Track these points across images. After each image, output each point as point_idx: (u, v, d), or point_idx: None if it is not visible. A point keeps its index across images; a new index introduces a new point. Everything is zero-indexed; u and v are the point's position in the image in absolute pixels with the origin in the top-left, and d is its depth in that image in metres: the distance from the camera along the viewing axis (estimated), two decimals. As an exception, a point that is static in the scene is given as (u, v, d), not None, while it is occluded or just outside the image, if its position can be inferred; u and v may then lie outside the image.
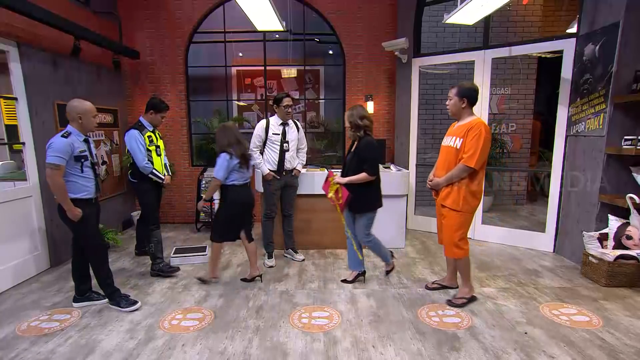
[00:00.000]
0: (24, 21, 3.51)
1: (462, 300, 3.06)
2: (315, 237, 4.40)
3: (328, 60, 6.20)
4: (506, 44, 4.35)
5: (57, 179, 2.68)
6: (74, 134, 2.79)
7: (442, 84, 6.12)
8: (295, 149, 3.91)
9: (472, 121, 2.87)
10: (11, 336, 2.61)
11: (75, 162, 2.76)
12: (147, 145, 3.54)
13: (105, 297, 3.08)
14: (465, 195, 2.88)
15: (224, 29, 5.50)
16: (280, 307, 3.03)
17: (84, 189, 2.84)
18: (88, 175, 2.86)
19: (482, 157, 2.80)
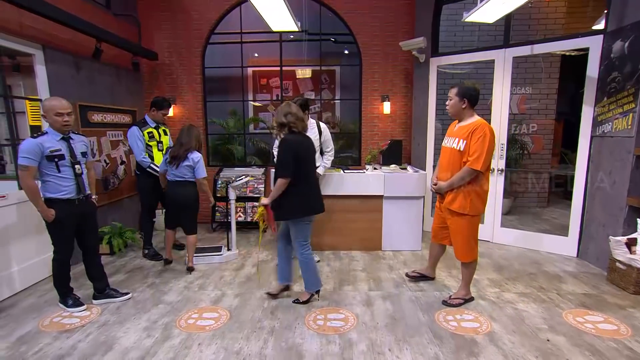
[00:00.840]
0: (49, 25, 3.62)
1: (459, 301, 3.08)
2: (330, 238, 4.39)
3: (344, 60, 6.19)
4: (528, 42, 4.26)
5: (25, 180, 2.64)
6: (49, 134, 2.74)
7: (461, 83, 6.03)
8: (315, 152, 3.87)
9: (475, 122, 2.83)
10: (34, 331, 2.70)
11: (48, 162, 2.71)
12: (147, 141, 4.02)
13: (123, 294, 3.20)
14: (473, 198, 2.86)
15: (240, 29, 5.56)
16: (295, 308, 3.03)
17: (62, 188, 2.78)
18: (66, 174, 2.79)
19: (488, 159, 2.78)
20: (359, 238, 4.41)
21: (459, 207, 2.89)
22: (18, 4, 3.16)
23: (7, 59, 4.15)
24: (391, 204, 4.32)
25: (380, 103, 5.51)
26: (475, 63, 5.13)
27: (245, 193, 5.27)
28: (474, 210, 2.87)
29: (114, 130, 4.74)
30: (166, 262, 3.95)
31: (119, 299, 3.16)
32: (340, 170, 4.41)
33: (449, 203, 2.96)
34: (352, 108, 5.90)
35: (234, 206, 4.22)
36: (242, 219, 5.23)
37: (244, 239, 4.90)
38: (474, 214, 2.89)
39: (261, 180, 5.40)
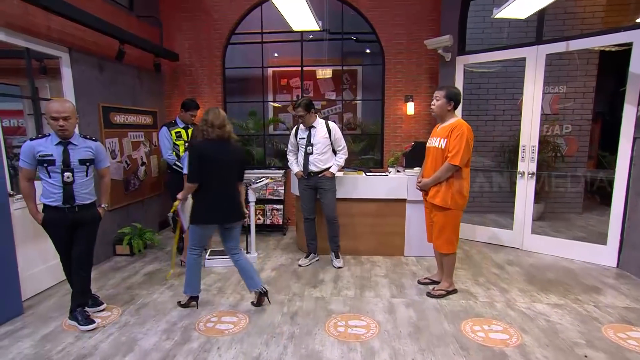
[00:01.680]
0: (75, 28, 3.76)
1: (441, 292, 3.33)
2: (351, 243, 4.37)
3: (366, 60, 6.17)
4: (563, 38, 4.12)
5: (20, 182, 2.69)
6: (50, 137, 2.69)
7: (488, 83, 5.91)
8: (323, 152, 3.89)
9: (455, 122, 3.09)
10: (58, 330, 2.79)
11: (40, 167, 2.67)
12: (175, 140, 4.22)
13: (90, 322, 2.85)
14: (453, 193, 3.12)
15: (260, 29, 5.62)
16: (315, 313, 3.02)
17: (51, 195, 2.71)
18: (55, 181, 2.68)
19: (466, 155, 3.03)
20: (381, 243, 4.36)
21: (440, 200, 3.16)
22: (49, 9, 3.30)
23: (35, 62, 4.34)
24: (415, 209, 4.25)
25: (403, 104, 5.45)
26: (504, 61, 5.00)
27: (265, 195, 5.32)
28: (454, 205, 3.14)
29: (135, 131, 4.87)
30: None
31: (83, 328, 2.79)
32: (362, 173, 4.38)
33: (432, 197, 3.23)
34: (374, 109, 5.86)
35: (254, 208, 4.25)
36: (261, 221, 5.27)
37: (263, 242, 4.93)
38: (454, 207, 3.15)
39: (281, 182, 5.43)
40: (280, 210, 5.35)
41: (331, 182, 3.97)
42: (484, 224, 5.06)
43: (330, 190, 3.97)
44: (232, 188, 3.04)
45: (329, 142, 3.91)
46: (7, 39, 3.16)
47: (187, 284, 3.10)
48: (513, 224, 4.63)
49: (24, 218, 2.89)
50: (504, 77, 5.77)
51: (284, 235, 5.31)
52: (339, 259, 4.07)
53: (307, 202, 4.05)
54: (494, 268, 4.00)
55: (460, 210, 3.20)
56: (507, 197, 5.59)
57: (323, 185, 3.94)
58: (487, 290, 3.45)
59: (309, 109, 3.83)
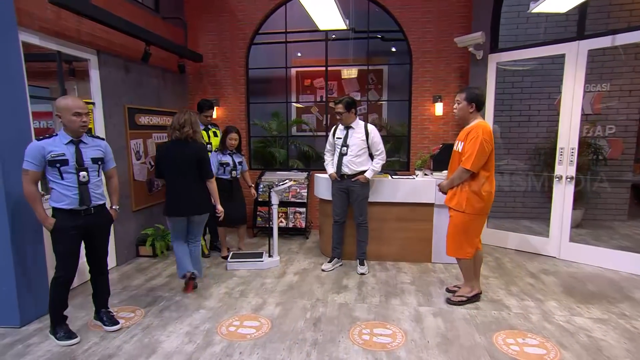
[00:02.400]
0: (103, 30, 3.92)
1: (461, 298, 3.29)
2: (376, 248, 4.33)
3: (393, 59, 6.13)
4: (609, 31, 3.94)
5: (25, 185, 2.54)
6: (59, 136, 2.60)
7: (522, 81, 5.74)
8: (358, 154, 3.87)
9: (474, 125, 3.07)
10: (83, 330, 2.89)
11: (51, 168, 2.56)
12: None
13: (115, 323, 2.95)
14: (469, 197, 3.07)
15: (285, 29, 5.67)
16: (339, 320, 3.01)
17: (64, 198, 2.60)
18: (69, 182, 2.60)
19: (479, 160, 2.98)
20: (407, 249, 4.31)
21: (455, 204, 3.16)
22: (80, 13, 3.46)
23: (64, 64, 4.54)
24: (443, 213, 4.16)
25: (431, 104, 5.38)
26: (541, 58, 4.85)
27: (288, 198, 5.35)
28: (470, 209, 3.09)
29: (160, 133, 5.01)
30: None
31: (108, 328, 2.89)
32: (388, 176, 4.35)
33: (448, 200, 3.25)
34: (400, 109, 5.81)
35: (277, 211, 4.29)
36: (283, 224, 5.31)
37: (285, 246, 4.96)
38: (470, 212, 3.09)
39: (304, 184, 5.45)
40: (303, 213, 5.37)
41: (364, 186, 3.93)
42: (516, 231, 4.92)
43: (362, 194, 3.94)
44: (193, 184, 3.38)
45: (366, 145, 3.87)
46: (41, 43, 3.32)
47: (177, 269, 3.53)
48: (549, 231, 4.47)
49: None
50: (539, 75, 5.59)
51: (306, 239, 5.32)
52: (363, 266, 4.04)
53: (338, 204, 4.04)
54: (528, 277, 3.87)
55: (478, 214, 3.11)
56: (543, 202, 5.41)
57: (355, 189, 3.93)
58: (521, 300, 3.35)
59: (349, 107, 3.82)
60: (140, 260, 4.46)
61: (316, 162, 6.28)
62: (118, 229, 4.21)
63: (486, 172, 3.07)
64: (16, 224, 2.86)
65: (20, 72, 2.95)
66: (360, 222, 4.02)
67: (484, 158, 3.00)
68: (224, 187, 4.16)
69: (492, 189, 3.11)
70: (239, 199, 4.47)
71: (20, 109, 2.94)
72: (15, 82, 2.90)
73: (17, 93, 2.91)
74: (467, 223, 3.13)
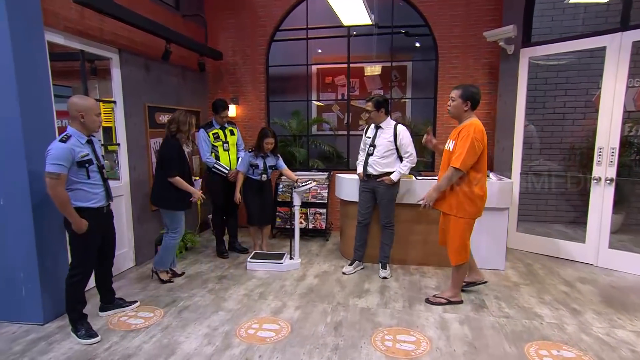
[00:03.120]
0: (125, 29, 4.03)
1: (441, 300, 3.34)
2: (399, 251, 4.29)
3: (417, 55, 6.07)
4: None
5: (58, 190, 2.58)
6: (74, 137, 2.67)
7: (557, 77, 5.58)
8: (384, 155, 3.83)
9: (466, 123, 3.07)
10: (104, 328, 2.98)
11: (79, 169, 2.66)
12: (213, 142, 4.45)
13: (131, 302, 3.33)
14: (461, 199, 3.08)
15: (306, 25, 5.69)
16: (360, 325, 3.00)
17: (93, 196, 2.76)
18: (95, 181, 2.77)
19: (469, 159, 2.98)
20: (432, 252, 4.25)
21: (447, 207, 3.18)
22: (103, 12, 3.57)
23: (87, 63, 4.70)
24: (471, 216, 4.12)
25: (458, 101, 5.28)
26: (578, 52, 4.70)
27: (308, 199, 5.37)
28: (462, 212, 3.10)
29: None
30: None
31: (129, 308, 3.27)
32: (412, 177, 4.31)
33: (439, 203, 3.25)
34: (424, 108, 5.75)
35: (298, 212, 4.31)
36: (303, 225, 5.33)
37: (305, 247, 4.98)
38: (462, 216, 3.11)
39: (325, 185, 5.46)
40: (323, 214, 5.38)
41: (389, 188, 3.89)
42: (549, 235, 4.80)
43: (387, 196, 3.91)
44: (157, 177, 3.71)
45: (394, 147, 3.83)
46: (65, 42, 3.44)
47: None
48: (585, 237, 4.33)
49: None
50: (576, 69, 5.41)
51: (326, 241, 5.33)
52: (385, 270, 4.02)
53: (362, 205, 4.04)
54: (562, 285, 3.77)
55: (472, 218, 3.14)
56: (578, 205, 5.25)
57: (380, 190, 3.91)
58: (555, 310, 3.26)
59: (378, 106, 3.79)
60: (159, 260, 4.56)
61: (337, 162, 6.28)
62: (137, 228, 4.32)
63: (477, 173, 3.07)
64: (40, 223, 2.97)
65: (46, 71, 3.07)
66: (385, 224, 4.00)
67: (474, 157, 3.00)
68: (253, 186, 4.43)
69: (484, 192, 3.13)
70: (268, 200, 4.64)
71: (46, 109, 3.06)
72: (42, 82, 3.02)
73: (43, 93, 3.03)
74: (461, 227, 3.14)
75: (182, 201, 3.70)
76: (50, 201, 2.82)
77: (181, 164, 3.65)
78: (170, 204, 3.70)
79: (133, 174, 4.23)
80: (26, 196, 2.88)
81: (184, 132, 3.64)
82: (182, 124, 3.63)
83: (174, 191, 3.63)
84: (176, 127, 3.62)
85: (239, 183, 4.39)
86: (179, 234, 3.78)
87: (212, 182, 4.54)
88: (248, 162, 4.38)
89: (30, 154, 2.87)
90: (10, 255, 2.98)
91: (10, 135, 2.83)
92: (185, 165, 3.72)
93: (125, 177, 4.18)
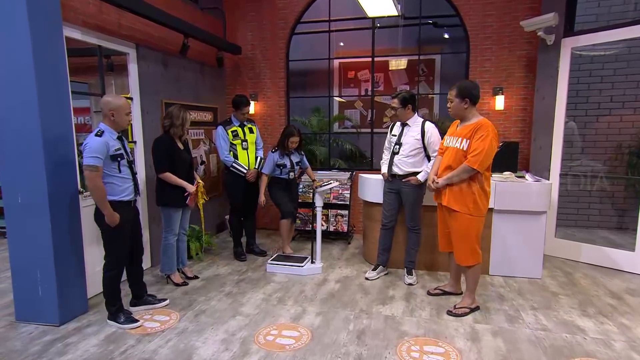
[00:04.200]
0: (142, 23, 4.13)
1: (464, 310, 3.29)
2: (425, 256, 4.25)
3: (446, 48, 5.97)
4: None
5: (97, 182, 2.82)
6: (107, 132, 2.92)
7: (603, 69, 5.38)
8: (411, 154, 3.78)
9: (479, 121, 3.11)
10: (120, 332, 3.05)
11: (112, 162, 2.92)
12: (231, 140, 4.48)
13: (161, 300, 3.52)
14: (476, 197, 3.12)
15: (328, 17, 5.67)
16: (385, 334, 2.98)
17: (122, 190, 3.00)
18: (126, 175, 3.01)
19: (487, 160, 3.06)
20: (462, 258, 4.17)
21: (461, 206, 3.17)
22: (121, 6, 3.66)
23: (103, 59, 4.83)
24: (503, 220, 4.04)
25: (491, 97, 5.18)
26: (629, 41, 4.50)
27: (329, 199, 5.36)
28: (476, 210, 3.14)
29: (196, 129, 5.20)
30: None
31: (159, 305, 3.45)
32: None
33: (448, 202, 3.23)
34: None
35: (320, 214, 4.31)
36: (324, 227, 5.33)
37: (326, 251, 4.96)
38: (477, 214, 3.16)
39: (347, 185, 5.44)
40: (345, 216, 5.36)
41: (415, 189, 3.84)
42: (592, 242, 4.63)
43: (413, 197, 3.86)
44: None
45: (421, 145, 3.78)
46: (82, 38, 3.55)
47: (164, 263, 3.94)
48: (635, 244, 4.16)
49: (91, 217, 3.19)
50: (625, 60, 5.21)
51: (348, 244, 5.31)
52: (411, 275, 3.97)
53: (387, 207, 4.01)
54: (608, 297, 3.63)
55: (482, 216, 3.20)
56: (626, 210, 5.06)
57: (406, 191, 3.87)
58: (600, 324, 3.14)
59: (405, 103, 3.77)
60: (175, 261, 4.64)
61: (360, 161, 6.25)
62: (153, 228, 4.41)
63: (488, 172, 3.18)
64: (58, 221, 3.06)
65: (64, 67, 3.17)
66: (411, 227, 3.95)
67: (491, 159, 3.08)
68: (280, 183, 4.57)
69: (490, 190, 3.26)
70: (295, 195, 4.81)
71: (63, 106, 3.16)
72: (60, 79, 3.11)
73: (61, 89, 3.12)
74: (475, 226, 3.19)
75: (174, 197, 3.72)
76: (67, 199, 2.94)
77: (171, 159, 3.67)
78: (162, 200, 3.76)
79: (149, 172, 4.32)
80: (44, 194, 2.97)
81: (177, 126, 3.68)
82: (175, 118, 3.65)
83: (167, 187, 3.69)
84: (169, 121, 3.67)
85: (263, 185, 4.45)
86: (171, 233, 3.80)
87: (230, 181, 4.59)
88: (274, 163, 4.44)
89: (47, 151, 2.96)
90: (28, 255, 3.09)
91: (28, 133, 2.93)
92: (179, 160, 3.72)
93: (141, 175, 4.27)
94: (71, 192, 3.19)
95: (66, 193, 3.13)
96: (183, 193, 3.72)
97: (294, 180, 4.68)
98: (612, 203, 5.47)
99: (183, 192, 3.72)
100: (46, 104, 2.96)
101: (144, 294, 3.46)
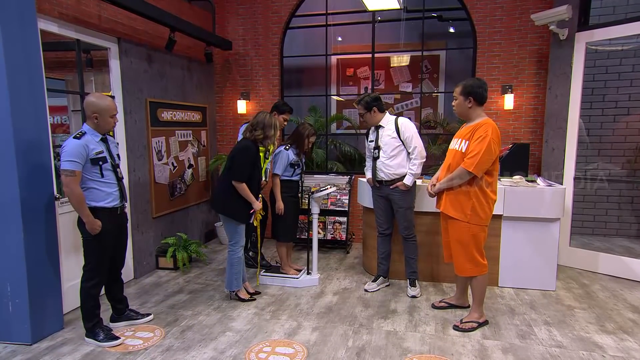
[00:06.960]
0: (124, 16, 4.12)
1: (471, 325, 3.26)
2: (429, 267, 4.24)
3: (451, 43, 6.00)
4: None
5: (72, 187, 2.79)
6: (88, 134, 2.91)
7: (620, 65, 5.42)
8: (392, 155, 3.79)
9: (480, 122, 3.13)
10: (98, 350, 3.01)
11: (92, 166, 2.89)
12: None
13: (144, 315, 3.48)
14: (474, 204, 3.11)
15: (325, 10, 5.68)
16: (386, 351, 2.96)
17: (106, 196, 2.98)
18: (109, 179, 2.99)
19: (484, 162, 3.02)
20: (469, 269, 4.16)
21: (458, 213, 3.17)
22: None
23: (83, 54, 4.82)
24: (513, 227, 4.04)
25: (499, 96, 5.20)
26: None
27: (326, 206, 5.35)
28: (475, 219, 3.12)
29: (183, 130, 5.19)
30: None
31: (142, 321, 3.40)
32: (422, 177, 4.31)
33: (445, 208, 3.25)
34: (461, 102, 5.66)
35: (317, 221, 4.28)
36: (321, 235, 5.30)
37: (323, 260, 4.96)
38: (475, 222, 3.13)
39: (345, 191, 5.43)
40: (343, 223, 5.34)
41: (405, 194, 3.84)
42: (610, 251, 4.64)
43: (404, 203, 3.87)
44: (222, 181, 3.75)
45: (400, 143, 3.80)
46: (59, 31, 3.53)
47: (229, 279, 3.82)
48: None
49: (69, 224, 3.18)
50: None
51: (347, 254, 5.29)
52: (414, 287, 3.96)
53: (380, 214, 4.03)
54: (628, 311, 3.62)
55: (483, 225, 3.18)
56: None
57: (395, 198, 3.87)
58: (620, 341, 3.13)
59: (368, 107, 3.79)
60: (160, 273, 4.61)
61: (359, 165, 6.25)
62: (137, 237, 4.38)
63: (490, 177, 3.14)
64: (31, 231, 3.02)
65: (39, 63, 3.13)
66: (406, 236, 3.95)
67: (490, 162, 3.06)
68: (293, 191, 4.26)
69: (496, 198, 3.22)
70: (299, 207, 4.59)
71: (38, 104, 3.11)
72: (34, 75, 3.08)
73: (35, 87, 3.08)
74: (474, 235, 3.18)
75: (242, 211, 3.67)
76: (42, 206, 2.89)
77: (252, 171, 3.62)
78: (229, 210, 3.67)
79: (132, 176, 4.29)
80: (16, 201, 2.93)
81: (269, 137, 3.60)
82: (268, 128, 3.56)
83: (236, 198, 3.60)
84: (262, 133, 3.57)
85: (277, 189, 4.15)
86: (238, 245, 3.74)
87: None
88: (288, 161, 4.14)
89: (20, 155, 2.93)
90: (-3, 266, 3.04)
91: (-1, 135, 2.89)
92: (257, 173, 3.70)
93: (123, 180, 4.24)
94: (46, 198, 3.16)
95: (41, 199, 3.10)
96: (249, 209, 3.68)
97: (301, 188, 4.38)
98: (632, 209, 5.47)
99: (249, 208, 3.67)
100: (18, 103, 2.93)
101: (125, 308, 3.42)
